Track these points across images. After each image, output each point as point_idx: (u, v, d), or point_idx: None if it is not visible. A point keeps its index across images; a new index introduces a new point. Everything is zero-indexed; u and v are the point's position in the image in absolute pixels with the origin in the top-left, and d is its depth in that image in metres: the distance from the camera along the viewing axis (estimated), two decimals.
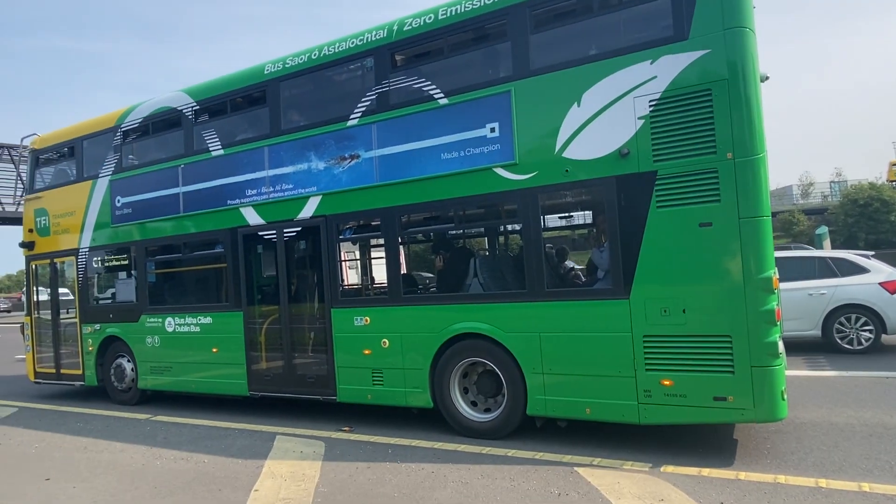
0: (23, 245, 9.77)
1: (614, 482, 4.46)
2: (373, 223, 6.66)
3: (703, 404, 4.76)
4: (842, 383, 7.23)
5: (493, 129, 5.63)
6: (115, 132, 8.56)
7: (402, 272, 6.48)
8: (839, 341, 9.17)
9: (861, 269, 9.31)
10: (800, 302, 9.15)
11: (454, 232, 7.05)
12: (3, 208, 32.51)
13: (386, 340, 6.25)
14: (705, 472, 4.57)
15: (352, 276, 8.30)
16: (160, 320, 8.13)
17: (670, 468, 4.68)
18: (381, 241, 6.59)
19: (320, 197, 6.68)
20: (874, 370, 7.82)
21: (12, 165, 32.38)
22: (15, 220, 30.86)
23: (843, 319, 9.18)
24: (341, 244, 6.89)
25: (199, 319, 7.76)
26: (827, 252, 11.32)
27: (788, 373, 5.28)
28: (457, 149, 5.81)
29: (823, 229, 19.28)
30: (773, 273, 4.65)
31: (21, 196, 28.86)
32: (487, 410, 5.89)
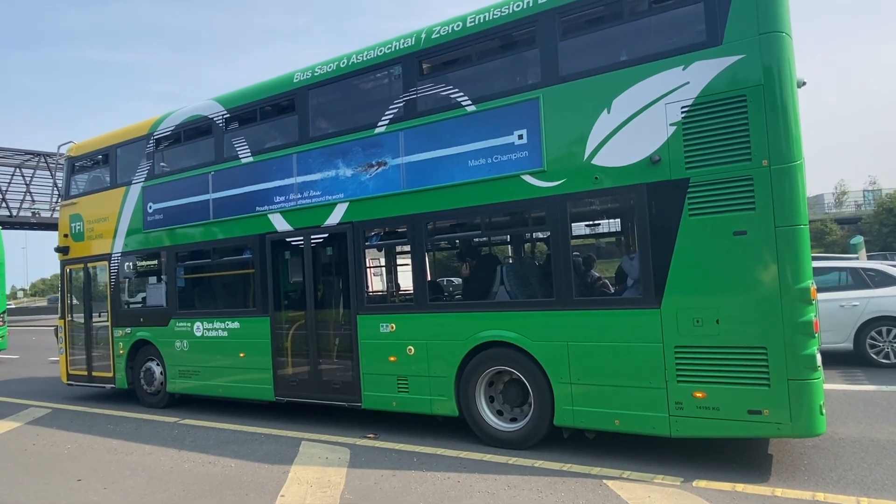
0: (58, 250, 10.03)
1: (645, 496, 4.36)
2: (399, 230, 6.67)
3: (738, 418, 4.63)
4: (882, 398, 6.99)
5: (521, 136, 5.60)
6: (147, 140, 8.75)
7: (428, 279, 6.46)
8: (872, 354, 8.89)
9: (895, 281, 9.03)
10: (831, 313, 8.90)
11: (481, 239, 7.02)
12: (40, 214, 33.55)
13: (411, 348, 6.24)
14: (739, 487, 4.44)
15: (378, 283, 8.31)
16: (189, 325, 8.25)
17: (703, 483, 4.55)
18: (408, 247, 6.59)
19: (347, 204, 6.72)
20: None
21: (48, 172, 33.43)
22: (51, 226, 31.83)
23: (874, 333, 8.90)
24: (367, 251, 6.90)
25: (227, 324, 7.85)
26: (859, 262, 10.99)
27: (825, 387, 5.12)
28: (484, 156, 5.79)
29: (858, 239, 18.72)
30: (811, 283, 4.52)
31: (57, 202, 29.77)
32: (513, 420, 5.82)
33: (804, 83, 5.14)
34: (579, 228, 6.29)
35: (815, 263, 9.64)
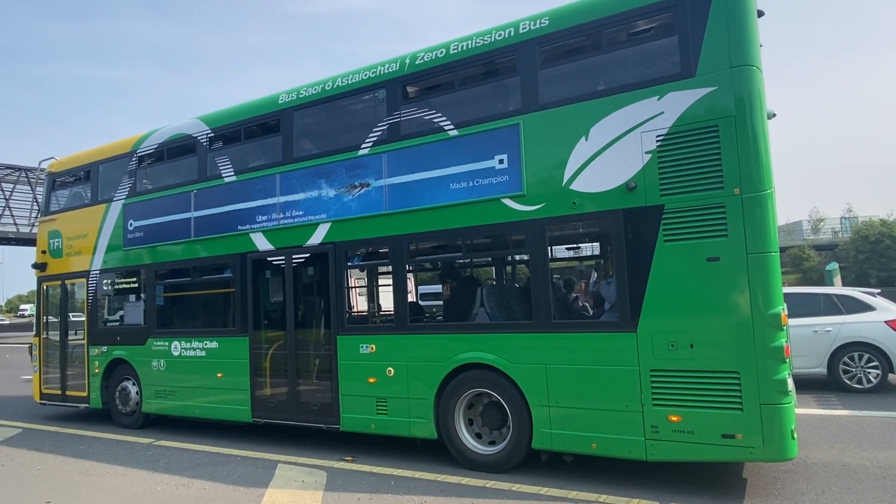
0: (35, 266, 9.89)
1: None
2: (381, 251, 6.71)
3: (712, 441, 4.68)
4: (854, 423, 7.09)
5: (501, 161, 5.69)
6: (130, 157, 8.73)
7: (408, 300, 6.48)
8: (846, 380, 9.03)
9: (867, 307, 9.22)
10: (805, 339, 9.04)
11: (462, 261, 7.07)
12: (18, 229, 33.05)
13: (391, 369, 6.23)
14: None
15: (359, 304, 8.30)
16: (167, 344, 8.15)
17: None
18: (389, 268, 6.62)
19: (330, 224, 6.75)
20: (887, 410, 7.67)
21: (29, 187, 33.02)
22: (29, 241, 31.31)
23: (847, 358, 9.07)
24: (349, 271, 6.91)
25: (205, 344, 7.77)
26: (832, 289, 11.19)
27: (799, 411, 5.20)
28: (465, 179, 5.88)
29: (834, 265, 19.06)
30: (782, 309, 4.62)
31: (36, 218, 29.34)
32: (492, 443, 5.81)
33: (774, 115, 5.32)
34: (558, 252, 6.36)
35: (789, 290, 9.83)
